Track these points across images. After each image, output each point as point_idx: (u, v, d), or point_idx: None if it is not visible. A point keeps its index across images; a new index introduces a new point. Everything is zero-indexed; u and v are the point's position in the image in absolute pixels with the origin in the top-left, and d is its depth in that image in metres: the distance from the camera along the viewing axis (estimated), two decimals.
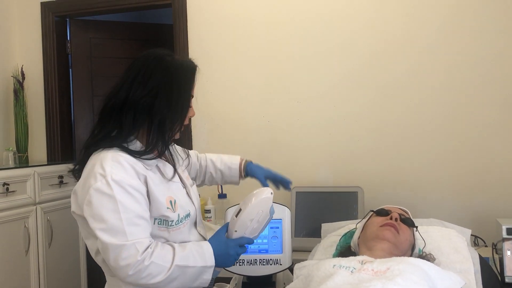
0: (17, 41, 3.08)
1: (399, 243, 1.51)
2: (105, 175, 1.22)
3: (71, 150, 3.14)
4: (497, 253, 1.90)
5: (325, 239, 1.85)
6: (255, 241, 1.44)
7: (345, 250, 1.65)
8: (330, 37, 2.51)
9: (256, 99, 2.63)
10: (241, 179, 1.77)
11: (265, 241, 1.73)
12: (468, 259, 1.61)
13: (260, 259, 1.70)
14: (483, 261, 1.70)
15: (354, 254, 1.57)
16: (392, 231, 1.52)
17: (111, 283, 1.36)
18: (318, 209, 2.29)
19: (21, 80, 2.94)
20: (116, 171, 1.24)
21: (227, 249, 1.34)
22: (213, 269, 1.32)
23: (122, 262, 1.20)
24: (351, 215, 2.20)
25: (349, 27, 2.48)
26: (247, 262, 1.69)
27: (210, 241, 1.36)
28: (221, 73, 2.67)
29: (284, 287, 1.76)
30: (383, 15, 2.43)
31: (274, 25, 2.59)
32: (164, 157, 1.40)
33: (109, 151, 1.28)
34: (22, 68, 2.97)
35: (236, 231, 1.36)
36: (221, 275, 1.52)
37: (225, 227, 1.40)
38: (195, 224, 1.46)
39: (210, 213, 2.54)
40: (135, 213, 1.23)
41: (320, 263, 1.43)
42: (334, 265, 1.37)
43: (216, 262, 1.32)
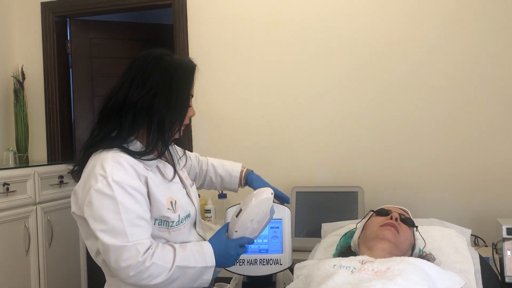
0: (17, 41, 3.08)
1: (399, 243, 1.51)
2: (105, 176, 1.22)
3: (71, 150, 3.14)
4: (497, 253, 1.90)
5: (325, 239, 1.85)
6: (255, 241, 1.44)
7: (345, 250, 1.65)
8: (330, 37, 2.51)
9: (256, 99, 2.63)
10: (240, 187, 1.75)
11: (265, 241, 1.73)
12: (468, 259, 1.61)
13: (260, 259, 1.70)
14: (483, 261, 1.70)
15: (354, 254, 1.57)
16: (392, 231, 1.52)
17: (111, 284, 1.36)
18: (318, 209, 2.29)
19: (21, 80, 2.94)
20: (116, 171, 1.23)
21: (227, 249, 1.34)
22: (213, 269, 1.32)
23: (123, 263, 1.20)
24: (351, 215, 2.20)
25: (349, 28, 2.48)
26: (247, 262, 1.69)
27: (210, 241, 1.36)
28: (221, 73, 2.67)
29: (284, 287, 1.76)
30: (383, 15, 2.43)
31: (274, 25, 2.59)
32: (164, 157, 1.39)
33: (109, 151, 1.28)
34: (22, 68, 2.97)
35: (236, 231, 1.36)
36: (221, 275, 1.52)
37: (225, 227, 1.40)
38: (195, 224, 1.46)
39: (210, 213, 2.54)
40: (136, 214, 1.23)
41: (320, 263, 1.43)
42: (334, 265, 1.37)
43: (216, 262, 1.31)
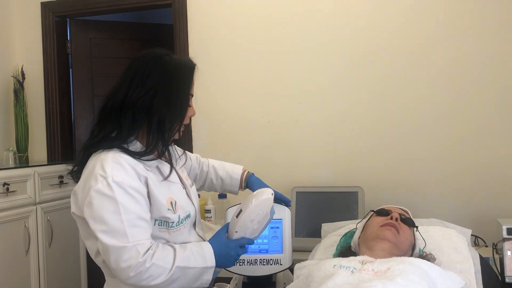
0: (17, 41, 3.08)
1: (399, 243, 1.51)
2: (105, 177, 1.22)
3: (71, 150, 3.14)
4: (497, 253, 1.90)
5: (326, 239, 1.85)
6: (256, 241, 1.44)
7: (346, 250, 1.65)
8: (330, 37, 2.50)
9: (256, 99, 2.63)
10: (240, 189, 1.74)
11: (266, 241, 1.72)
12: (468, 259, 1.61)
13: (260, 259, 1.69)
14: (484, 261, 1.70)
15: (354, 254, 1.57)
16: (392, 231, 1.52)
17: (110, 284, 1.36)
18: (318, 209, 2.29)
19: (21, 80, 2.94)
20: (117, 172, 1.23)
21: (227, 249, 1.34)
22: (213, 269, 1.32)
23: (123, 264, 1.20)
24: (351, 215, 2.20)
25: (350, 28, 2.47)
26: (247, 262, 1.69)
27: (210, 241, 1.36)
28: (221, 73, 2.67)
29: (284, 287, 1.76)
30: (383, 15, 2.42)
31: (274, 25, 2.59)
32: (164, 157, 1.39)
33: (109, 152, 1.27)
34: (22, 68, 2.96)
35: (236, 232, 1.36)
36: (221, 275, 1.51)
37: (225, 228, 1.40)
38: (194, 225, 1.46)
39: (210, 213, 2.53)
40: (136, 215, 1.23)
41: (320, 263, 1.43)
42: (334, 265, 1.37)
43: (216, 262, 1.31)
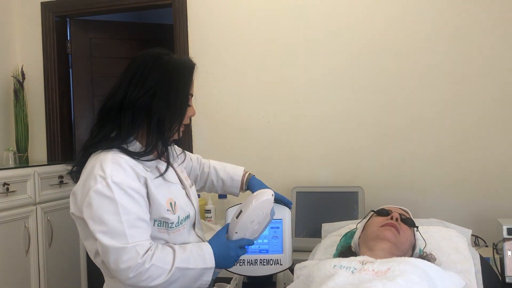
0: (17, 41, 3.08)
1: (399, 243, 1.51)
2: (105, 177, 1.21)
3: (71, 150, 3.14)
4: (497, 253, 1.90)
5: (326, 239, 1.85)
6: (256, 241, 1.43)
7: (346, 250, 1.64)
8: (330, 37, 2.50)
9: (256, 99, 2.63)
10: (241, 191, 1.73)
11: (266, 241, 1.72)
12: (468, 259, 1.61)
13: (260, 259, 1.69)
14: (484, 261, 1.70)
15: (354, 254, 1.57)
16: (392, 231, 1.52)
17: (109, 285, 1.36)
18: (318, 209, 2.28)
19: (21, 80, 2.94)
20: (116, 173, 1.23)
21: (227, 250, 1.34)
22: (213, 270, 1.31)
23: (122, 264, 1.19)
24: (351, 215, 2.19)
25: (350, 27, 2.47)
26: (248, 262, 1.68)
27: (210, 242, 1.35)
28: (221, 73, 2.67)
29: (284, 287, 1.76)
30: (382, 13, 2.42)
31: (274, 25, 2.58)
32: (163, 158, 1.38)
33: (109, 152, 1.27)
34: (22, 68, 2.96)
35: (236, 233, 1.35)
36: (221, 275, 1.51)
37: (225, 228, 1.39)
38: (194, 225, 1.46)
39: (210, 213, 2.53)
40: (135, 215, 1.23)
41: (320, 263, 1.43)
42: (334, 266, 1.36)
43: (216, 263, 1.31)
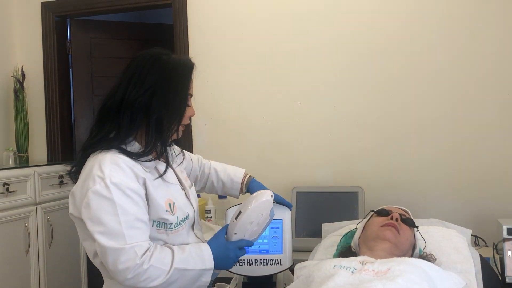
0: (17, 41, 3.08)
1: (399, 243, 1.51)
2: (103, 178, 1.21)
3: (71, 150, 3.14)
4: (497, 253, 1.90)
5: (326, 239, 1.85)
6: (256, 241, 1.43)
7: (346, 250, 1.64)
8: (331, 37, 2.50)
9: (256, 99, 2.63)
10: (241, 193, 1.73)
11: (266, 241, 1.72)
12: (468, 259, 1.61)
13: (260, 259, 1.69)
14: (484, 261, 1.70)
15: (354, 254, 1.57)
16: (392, 231, 1.52)
17: (108, 285, 1.35)
18: (318, 209, 2.28)
19: (22, 80, 2.94)
20: (115, 173, 1.23)
21: (226, 251, 1.33)
22: (212, 271, 1.31)
23: (120, 265, 1.19)
24: (351, 215, 2.19)
25: (350, 27, 2.47)
26: (248, 262, 1.68)
27: (209, 243, 1.35)
28: (221, 73, 2.66)
29: (284, 287, 1.76)
30: (383, 14, 2.42)
31: (274, 25, 2.58)
32: (162, 158, 1.37)
33: (107, 153, 1.27)
34: (22, 68, 2.96)
35: (235, 234, 1.35)
36: (221, 275, 1.51)
37: (224, 229, 1.39)
38: (193, 226, 1.45)
39: (210, 213, 2.53)
40: (134, 216, 1.22)
41: (320, 264, 1.43)
42: (334, 266, 1.36)
43: (215, 264, 1.31)
